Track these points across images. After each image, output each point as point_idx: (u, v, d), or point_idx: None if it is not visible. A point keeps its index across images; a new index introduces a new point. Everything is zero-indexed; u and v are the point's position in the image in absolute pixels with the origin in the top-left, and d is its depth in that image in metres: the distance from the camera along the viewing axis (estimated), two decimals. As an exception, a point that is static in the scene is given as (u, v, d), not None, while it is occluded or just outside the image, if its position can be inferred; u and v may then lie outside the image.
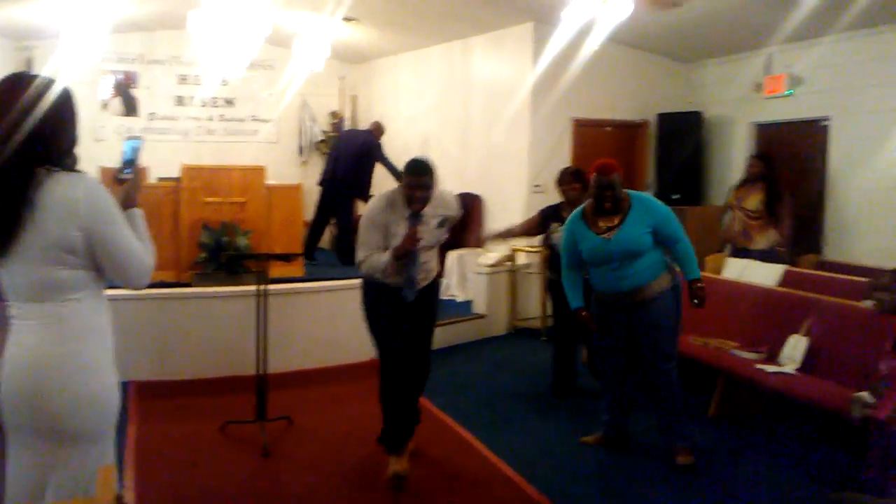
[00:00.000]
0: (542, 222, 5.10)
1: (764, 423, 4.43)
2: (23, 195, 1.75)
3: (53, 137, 1.84)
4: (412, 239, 3.47)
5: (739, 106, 7.42)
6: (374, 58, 10.28)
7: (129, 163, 2.12)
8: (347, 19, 7.91)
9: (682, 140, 7.60)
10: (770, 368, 4.23)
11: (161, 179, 7.78)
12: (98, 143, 9.42)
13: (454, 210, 3.83)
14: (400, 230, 3.55)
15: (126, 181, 2.07)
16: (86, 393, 1.86)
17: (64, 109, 1.88)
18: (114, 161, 9.57)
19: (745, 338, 4.70)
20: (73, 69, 8.61)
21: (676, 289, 3.86)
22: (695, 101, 7.87)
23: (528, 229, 5.32)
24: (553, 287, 5.05)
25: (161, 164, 8.80)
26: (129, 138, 2.34)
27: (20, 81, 1.84)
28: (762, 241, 5.69)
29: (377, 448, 3.86)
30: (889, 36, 5.96)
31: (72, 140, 1.93)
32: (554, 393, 5.01)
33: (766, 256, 5.59)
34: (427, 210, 3.60)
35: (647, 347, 3.84)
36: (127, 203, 2.02)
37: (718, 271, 5.71)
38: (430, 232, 3.62)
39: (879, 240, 6.03)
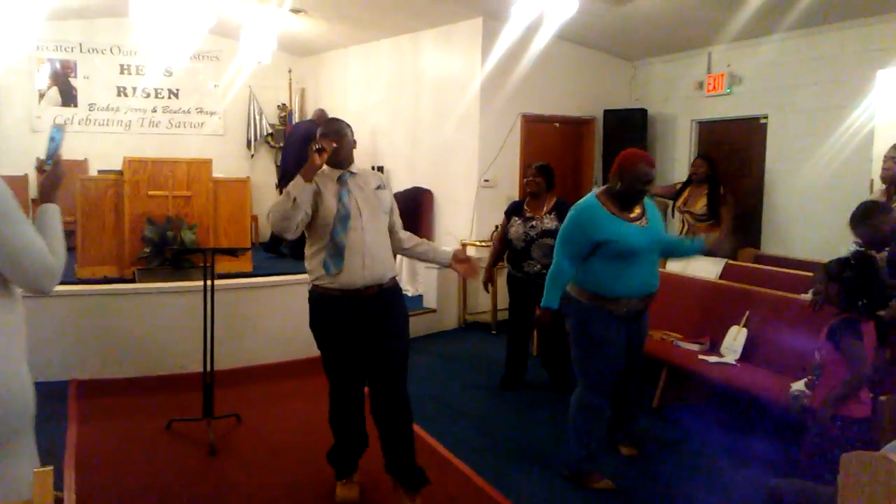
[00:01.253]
0: (507, 217, 5.11)
1: (706, 412, 4.56)
2: None
3: None
4: (318, 151, 2.92)
5: (682, 103, 7.60)
6: (323, 50, 10.18)
7: (51, 154, 2.04)
8: (295, 11, 7.81)
9: (628, 137, 7.71)
10: (712, 359, 4.37)
11: (102, 172, 7.56)
12: (35, 134, 9.10)
13: (386, 184, 3.34)
14: (329, 193, 3.07)
15: (44, 172, 2.00)
16: None
17: None
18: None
19: (687, 329, 4.84)
20: (7, 56, 8.31)
21: None
22: (640, 99, 8.03)
23: (498, 241, 5.25)
24: (511, 281, 5.09)
25: (102, 156, 8.57)
26: (55, 126, 2.24)
27: None
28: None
29: (324, 446, 3.83)
30: (825, 37, 6.19)
31: None
32: (503, 385, 5.06)
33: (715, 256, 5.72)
34: (359, 174, 3.20)
35: (637, 359, 3.74)
36: (42, 196, 1.96)
37: (662, 265, 5.84)
38: (371, 195, 3.15)
39: (815, 234, 6.26)
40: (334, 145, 3.05)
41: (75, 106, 9.33)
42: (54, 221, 1.94)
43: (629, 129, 7.73)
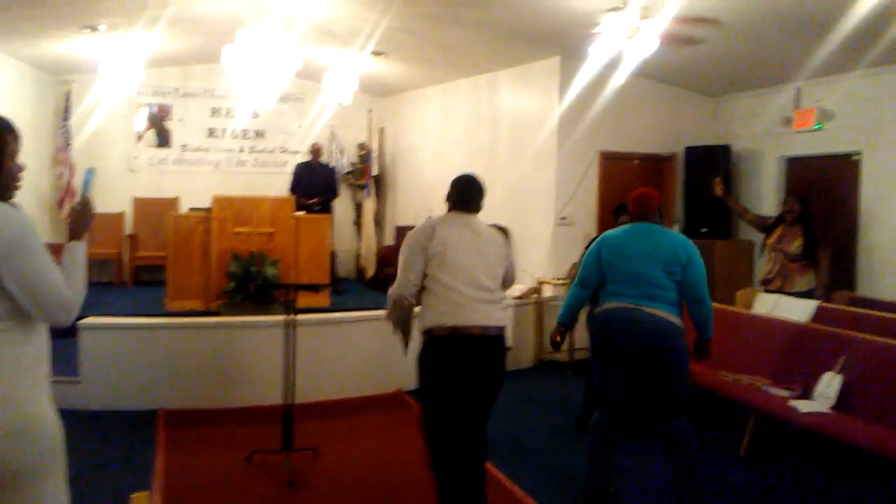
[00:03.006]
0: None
1: (797, 461, 4.32)
2: None
3: None
4: None
5: (768, 139, 7.38)
6: (402, 91, 10.43)
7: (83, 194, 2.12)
8: (376, 53, 8.05)
9: (711, 173, 7.53)
10: (803, 406, 4.14)
11: (192, 209, 7.94)
12: (132, 174, 9.65)
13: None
14: None
15: (73, 211, 2.07)
16: (13, 425, 1.79)
17: None
18: (147, 191, 9.82)
19: (777, 374, 4.62)
20: (110, 102, 8.89)
21: (588, 324, 4.05)
22: (723, 135, 7.85)
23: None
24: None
25: (193, 194, 9.01)
26: (87, 170, 2.34)
27: None
28: (802, 283, 5.54)
29: (402, 482, 3.83)
30: (919, 70, 5.92)
31: (4, 171, 1.90)
32: (577, 428, 4.94)
33: (805, 297, 5.45)
34: None
35: None
36: (71, 234, 2.01)
37: (749, 306, 5.62)
38: None
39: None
40: None
41: (170, 147, 9.87)
42: (80, 258, 1.98)
43: (712, 165, 7.55)
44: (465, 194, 3.35)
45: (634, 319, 3.45)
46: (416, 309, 3.21)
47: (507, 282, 3.38)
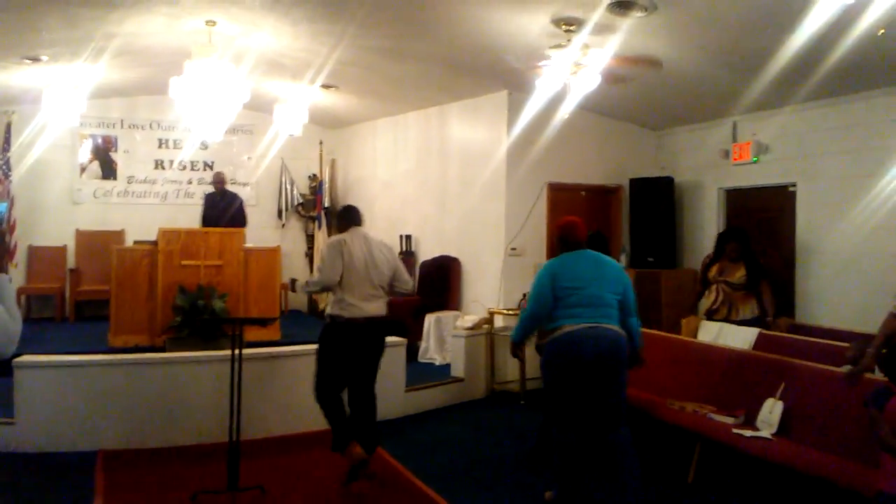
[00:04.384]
0: None
1: (743, 488, 4.40)
2: None
3: None
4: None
5: (708, 172, 7.63)
6: (353, 123, 10.47)
7: None
8: (326, 86, 8.08)
9: (655, 204, 7.75)
10: (747, 433, 4.23)
11: (137, 242, 7.76)
12: (75, 206, 9.41)
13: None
14: None
15: None
16: None
17: None
18: (91, 224, 9.52)
19: (721, 402, 4.71)
20: (53, 133, 8.68)
21: (543, 351, 4.07)
22: (666, 167, 8.09)
23: None
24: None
25: (139, 227, 8.82)
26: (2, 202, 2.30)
27: None
28: (746, 311, 5.70)
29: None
30: (850, 106, 6.22)
31: None
32: (532, 459, 4.94)
33: (751, 325, 5.58)
34: None
35: None
36: None
37: (695, 334, 5.75)
38: None
39: (849, 302, 6.14)
40: None
41: (115, 179, 9.67)
42: (9, 290, 1.94)
43: (656, 196, 7.76)
44: (354, 214, 4.67)
45: (598, 335, 3.83)
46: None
47: (401, 280, 4.64)
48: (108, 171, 9.68)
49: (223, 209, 8.31)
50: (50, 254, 9.03)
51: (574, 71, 5.60)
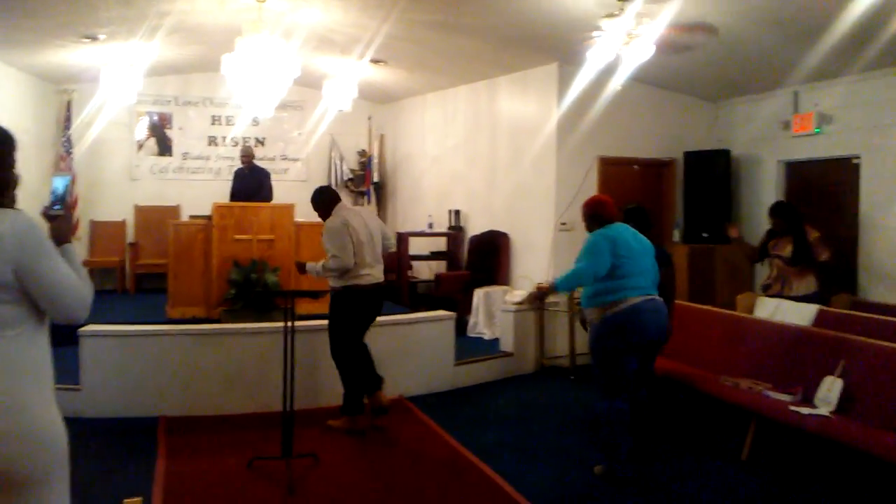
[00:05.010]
0: None
1: (798, 466, 4.31)
2: None
3: None
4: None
5: (767, 144, 7.39)
6: (402, 97, 10.46)
7: (60, 199, 2.12)
8: (375, 61, 8.08)
9: (710, 178, 7.57)
10: (804, 410, 4.13)
11: (193, 217, 7.94)
12: (133, 182, 9.68)
13: (324, 230, 4.91)
14: None
15: (57, 217, 2.06)
16: (21, 431, 1.80)
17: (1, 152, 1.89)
18: (148, 199, 9.83)
19: (777, 379, 4.61)
20: (111, 111, 8.91)
21: (604, 325, 4.03)
22: (722, 140, 7.87)
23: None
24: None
25: (194, 202, 9.02)
26: (59, 174, 2.34)
27: None
28: (801, 287, 5.54)
29: (402, 488, 3.83)
30: (918, 74, 5.93)
31: (6, 179, 1.92)
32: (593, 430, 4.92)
33: (808, 301, 5.42)
34: None
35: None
36: (59, 239, 2.01)
37: (749, 310, 5.62)
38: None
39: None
40: None
41: (170, 155, 9.89)
42: (77, 259, 2.00)
43: (711, 170, 7.58)
44: (333, 194, 5.14)
45: (656, 308, 4.05)
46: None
47: (389, 240, 5.20)
48: (164, 147, 9.91)
49: (251, 184, 8.31)
50: (110, 228, 9.33)
51: (627, 41, 5.48)
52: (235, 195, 8.33)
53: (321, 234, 4.94)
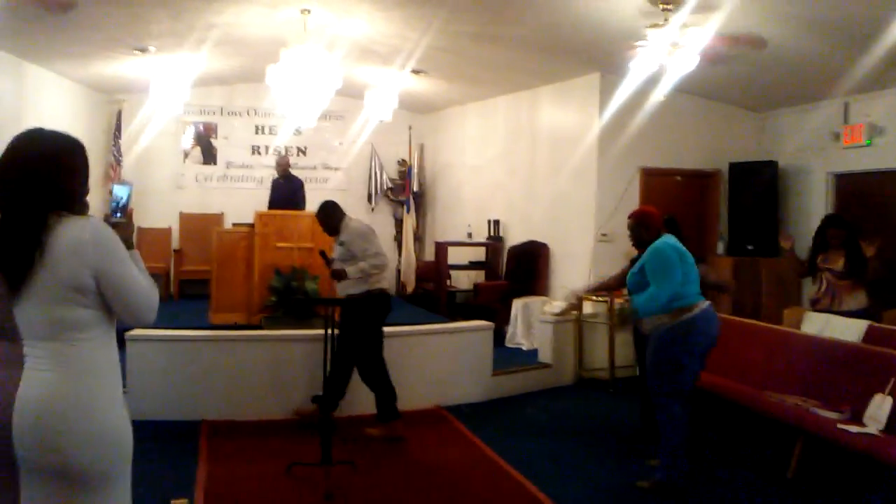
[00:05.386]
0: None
1: (845, 485, 4.18)
2: (35, 238, 1.83)
3: (64, 185, 1.92)
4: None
5: (816, 155, 7.22)
6: (442, 107, 10.51)
7: (122, 207, 2.20)
8: (416, 72, 8.14)
9: (756, 189, 7.42)
10: (853, 429, 4.01)
11: (236, 225, 8.07)
12: (179, 191, 9.90)
13: (351, 235, 5.00)
14: None
15: (118, 224, 2.11)
16: (93, 430, 1.86)
17: (74, 159, 1.97)
18: (193, 207, 10.01)
19: (825, 396, 4.48)
20: (159, 121, 9.15)
21: (673, 330, 3.98)
22: (769, 151, 7.71)
23: (622, 280, 5.20)
24: (637, 337, 4.95)
25: (236, 210, 9.19)
26: (120, 183, 2.44)
27: (35, 134, 1.96)
28: (852, 302, 5.39)
29: (441, 497, 3.82)
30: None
31: (82, 188, 2.00)
32: (645, 440, 4.85)
33: (858, 317, 5.26)
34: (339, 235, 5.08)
35: (647, 374, 4.21)
36: (124, 245, 2.07)
37: (797, 325, 5.48)
38: (336, 249, 5.06)
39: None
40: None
41: (215, 164, 10.10)
42: (143, 265, 2.07)
43: (757, 181, 7.43)
44: (339, 207, 5.26)
45: (715, 315, 4.15)
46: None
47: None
48: (209, 156, 10.13)
49: (286, 193, 8.39)
50: (156, 235, 9.55)
51: (671, 51, 5.42)
52: (272, 204, 8.45)
53: (339, 242, 5.04)
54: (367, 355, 4.90)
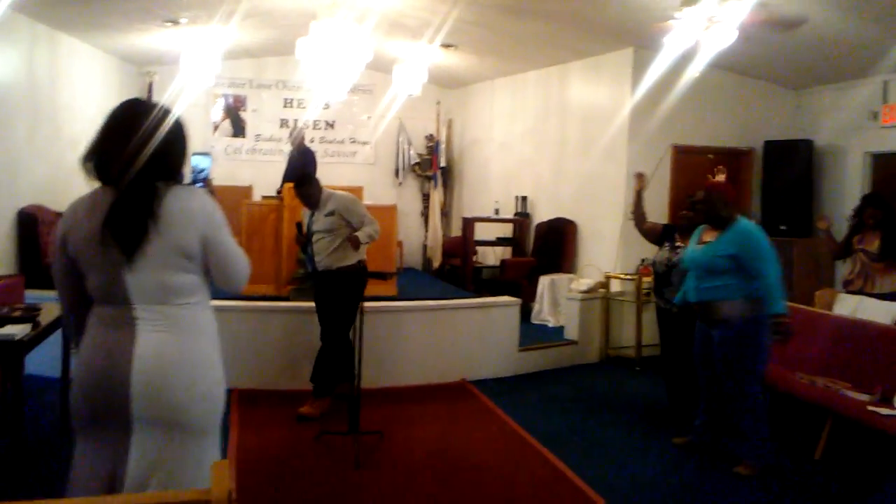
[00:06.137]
0: (660, 235, 5.00)
1: (874, 467, 4.14)
2: (148, 207, 1.92)
3: (172, 157, 2.03)
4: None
5: (853, 134, 7.05)
6: (471, 83, 10.44)
7: (203, 176, 2.26)
8: (446, 46, 8.07)
9: (791, 169, 7.28)
10: (883, 411, 3.97)
11: (265, 198, 8.13)
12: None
13: (341, 204, 4.73)
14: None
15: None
16: (203, 388, 2.00)
17: (179, 132, 2.08)
18: (220, 178, 10.02)
19: (856, 378, 4.44)
20: (190, 93, 9.19)
21: (760, 318, 3.90)
22: (804, 129, 7.55)
23: (648, 229, 5.17)
24: (661, 315, 4.93)
25: (266, 183, 9.24)
26: (200, 154, 2.49)
27: (140, 106, 2.05)
28: (885, 284, 5.29)
29: (466, 467, 3.87)
30: None
31: (183, 159, 2.11)
32: (674, 418, 4.87)
33: (889, 300, 5.18)
34: (321, 207, 4.76)
35: (721, 363, 4.03)
36: None
37: (829, 307, 5.41)
38: (321, 221, 4.73)
39: None
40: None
41: (244, 136, 10.15)
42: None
43: (792, 160, 7.28)
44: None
45: None
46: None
47: None
48: (238, 129, 10.18)
49: (298, 165, 8.21)
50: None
51: (707, 26, 5.32)
52: (286, 177, 8.27)
53: (326, 213, 4.72)
54: (345, 328, 4.72)
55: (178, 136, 2.07)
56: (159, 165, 1.97)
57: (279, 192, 7.83)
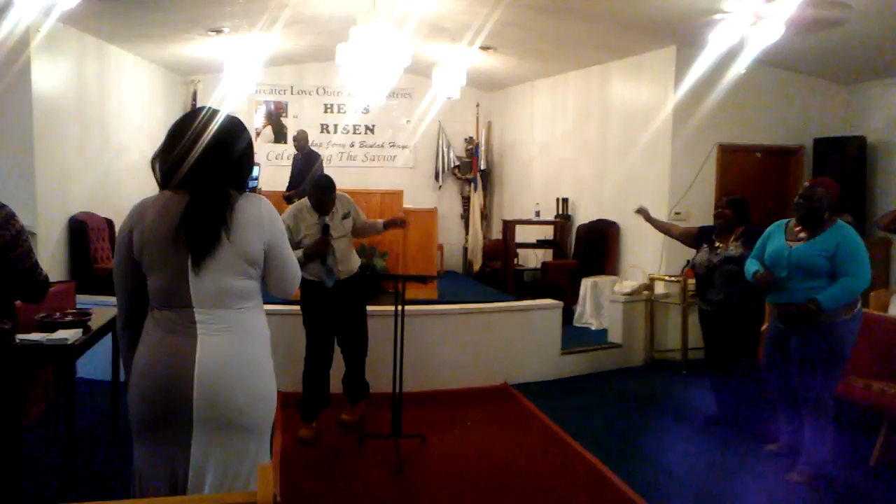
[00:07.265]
0: (696, 237, 4.92)
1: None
2: (221, 214, 1.99)
3: (244, 166, 2.12)
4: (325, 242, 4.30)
5: (907, 130, 6.82)
6: (510, 84, 10.39)
7: (252, 188, 2.31)
8: (485, 48, 8.05)
9: (842, 166, 7.06)
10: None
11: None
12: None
13: (349, 204, 4.57)
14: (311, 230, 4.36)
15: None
16: (260, 390, 2.05)
17: (250, 143, 2.16)
18: (265, 184, 10.12)
19: (915, 382, 4.27)
20: (233, 100, 9.36)
21: (852, 323, 3.81)
22: (856, 126, 7.32)
23: (682, 234, 5.10)
24: (704, 318, 4.83)
25: (307, 188, 9.30)
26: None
27: (212, 115, 2.10)
28: None
29: (507, 472, 3.83)
30: None
31: (252, 168, 2.20)
32: (716, 422, 4.80)
33: None
34: (335, 211, 4.46)
35: (798, 365, 3.89)
36: None
37: (884, 308, 5.23)
38: (340, 225, 4.46)
39: None
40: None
41: (285, 142, 10.28)
42: None
43: (844, 158, 7.07)
44: None
45: None
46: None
47: None
48: (280, 135, 10.32)
49: (304, 169, 8.09)
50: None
51: (753, 22, 5.20)
52: (293, 183, 8.19)
53: (343, 215, 4.49)
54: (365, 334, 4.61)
55: (250, 146, 2.15)
56: (233, 174, 2.06)
57: (287, 196, 7.58)
